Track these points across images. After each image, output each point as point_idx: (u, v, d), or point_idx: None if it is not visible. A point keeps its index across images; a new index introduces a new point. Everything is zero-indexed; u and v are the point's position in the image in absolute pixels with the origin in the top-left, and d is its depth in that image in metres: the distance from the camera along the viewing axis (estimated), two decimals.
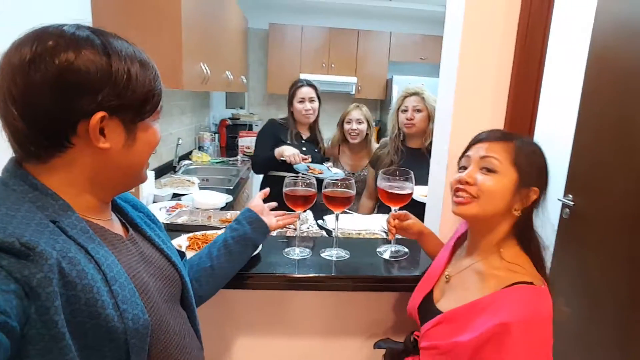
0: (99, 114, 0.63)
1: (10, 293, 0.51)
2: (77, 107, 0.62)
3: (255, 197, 1.22)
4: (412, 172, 1.25)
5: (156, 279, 0.78)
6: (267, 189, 1.30)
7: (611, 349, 1.93)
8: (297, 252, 1.30)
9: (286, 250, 1.31)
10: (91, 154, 0.66)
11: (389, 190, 1.24)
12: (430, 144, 2.09)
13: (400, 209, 1.27)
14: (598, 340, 2.00)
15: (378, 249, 1.36)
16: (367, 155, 2.57)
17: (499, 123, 1.32)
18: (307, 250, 1.32)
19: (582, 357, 2.04)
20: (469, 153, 0.96)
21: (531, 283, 0.84)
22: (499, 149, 0.91)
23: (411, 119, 2.13)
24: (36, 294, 0.53)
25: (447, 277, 1.02)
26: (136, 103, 0.68)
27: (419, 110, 2.13)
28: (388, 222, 1.24)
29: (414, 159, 2.12)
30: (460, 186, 0.93)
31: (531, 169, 0.90)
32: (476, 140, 0.96)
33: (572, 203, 2.18)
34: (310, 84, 2.50)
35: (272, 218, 1.19)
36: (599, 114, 2.05)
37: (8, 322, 0.49)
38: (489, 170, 0.90)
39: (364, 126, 2.57)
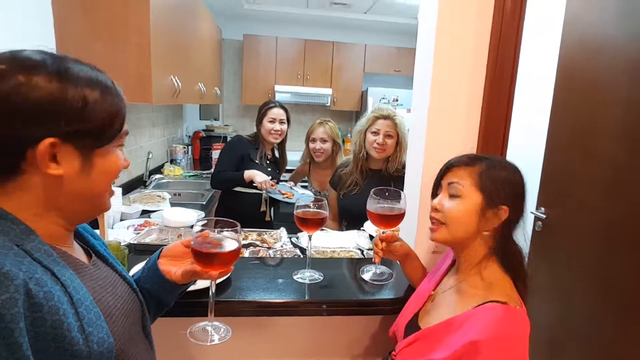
0: (48, 140, 0.62)
1: None
2: (24, 133, 0.61)
3: (178, 241, 0.98)
4: (404, 194, 1.20)
5: (122, 303, 0.77)
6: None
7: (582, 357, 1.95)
8: None
9: None
10: (43, 180, 0.65)
11: (380, 212, 1.18)
12: (397, 170, 2.09)
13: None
14: (571, 352, 2.01)
15: (361, 269, 1.32)
16: None
17: (472, 139, 1.32)
18: None
19: None
20: (442, 182, 1.00)
21: (505, 303, 0.84)
22: (464, 174, 0.95)
23: (383, 145, 2.06)
24: None
25: (433, 295, 1.03)
26: (93, 130, 0.66)
27: (390, 136, 2.07)
28: (375, 244, 1.19)
29: (377, 181, 2.05)
30: (431, 213, 0.99)
31: (497, 190, 0.92)
32: (446, 167, 1.00)
33: (544, 216, 2.20)
34: (282, 106, 2.49)
35: (182, 267, 0.91)
36: (568, 127, 2.09)
37: None
38: (453, 196, 0.95)
39: (328, 145, 2.52)
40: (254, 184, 2.35)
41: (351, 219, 2.18)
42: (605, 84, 1.85)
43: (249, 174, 2.35)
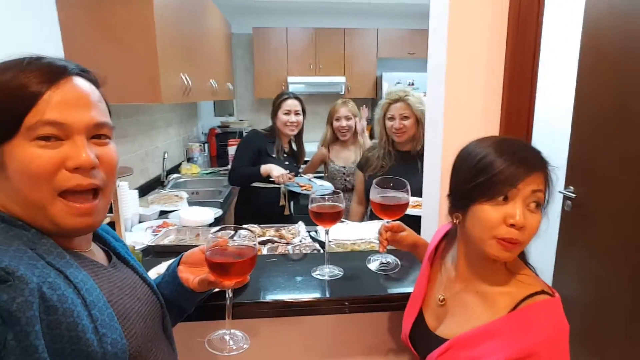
0: None
1: None
2: None
3: (197, 248, 0.95)
4: (408, 184, 1.16)
5: (140, 305, 0.77)
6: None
7: (615, 346, 1.86)
8: None
9: None
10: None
11: (382, 202, 1.15)
12: (423, 148, 2.03)
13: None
14: (603, 337, 1.93)
15: (367, 258, 1.30)
16: (357, 147, 2.69)
17: (494, 120, 1.24)
18: None
19: (587, 354, 1.97)
20: (519, 186, 0.77)
21: (542, 291, 0.79)
22: (541, 179, 0.79)
23: (400, 128, 2.04)
24: (15, 319, 0.51)
25: (442, 300, 0.93)
26: None
27: (406, 117, 2.04)
28: (380, 233, 1.16)
29: (405, 163, 2.05)
30: (507, 234, 0.78)
31: (549, 194, 0.82)
32: (526, 168, 0.78)
33: (574, 195, 2.10)
34: (296, 97, 2.47)
35: (199, 275, 0.90)
36: (596, 100, 1.98)
37: None
38: (539, 206, 0.79)
39: (352, 122, 2.65)
40: (271, 179, 2.33)
41: None
42: (636, 52, 1.73)
43: (265, 168, 2.33)
